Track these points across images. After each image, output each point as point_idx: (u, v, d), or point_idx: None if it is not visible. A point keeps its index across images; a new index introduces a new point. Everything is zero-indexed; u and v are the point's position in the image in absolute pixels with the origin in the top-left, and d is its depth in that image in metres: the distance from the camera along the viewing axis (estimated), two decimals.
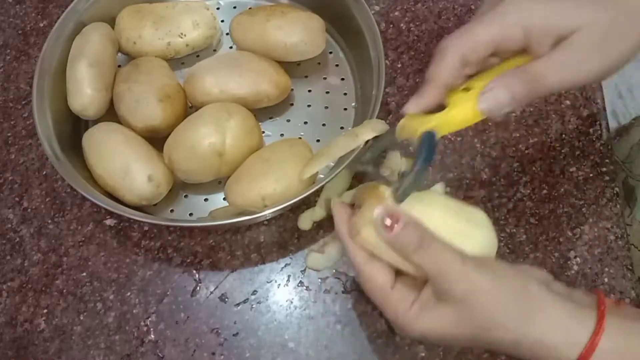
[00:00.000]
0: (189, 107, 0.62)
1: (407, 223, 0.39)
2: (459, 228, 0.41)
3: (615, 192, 0.58)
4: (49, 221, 0.60)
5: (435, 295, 0.39)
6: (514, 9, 0.39)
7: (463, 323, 0.38)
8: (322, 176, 0.57)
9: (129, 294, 0.56)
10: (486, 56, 0.41)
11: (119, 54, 0.64)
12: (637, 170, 0.63)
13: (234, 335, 0.54)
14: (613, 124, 0.71)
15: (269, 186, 0.54)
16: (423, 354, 0.52)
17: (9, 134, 0.66)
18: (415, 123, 0.43)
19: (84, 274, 0.58)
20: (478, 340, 0.39)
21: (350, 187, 0.58)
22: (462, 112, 0.42)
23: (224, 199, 0.58)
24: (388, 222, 0.39)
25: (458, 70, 0.41)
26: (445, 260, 0.38)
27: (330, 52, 0.67)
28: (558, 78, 0.39)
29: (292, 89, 0.64)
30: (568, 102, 0.63)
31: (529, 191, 0.59)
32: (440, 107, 0.43)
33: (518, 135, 0.62)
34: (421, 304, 0.39)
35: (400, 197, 0.41)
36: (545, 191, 0.59)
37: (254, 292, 0.56)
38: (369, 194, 0.42)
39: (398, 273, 0.42)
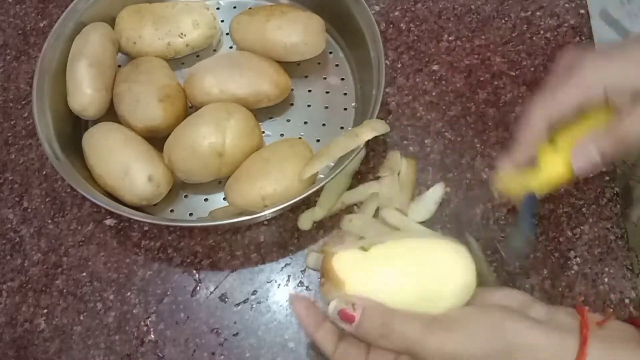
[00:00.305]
0: (189, 107, 0.62)
1: (364, 309, 0.39)
2: (426, 274, 0.41)
3: (615, 192, 0.58)
4: (49, 221, 0.60)
5: None
6: (592, 71, 0.42)
7: None
8: (322, 176, 0.57)
9: (129, 294, 0.56)
10: (569, 115, 0.44)
11: (119, 54, 0.64)
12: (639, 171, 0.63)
13: (234, 335, 0.54)
14: None
15: (269, 186, 0.54)
16: None
17: (9, 134, 0.66)
18: (515, 184, 0.47)
19: (84, 274, 0.58)
20: None
21: (350, 187, 0.59)
22: (556, 173, 0.45)
23: (224, 199, 0.58)
24: (347, 310, 0.39)
25: (544, 132, 0.44)
26: (413, 338, 0.38)
27: (330, 52, 0.67)
28: None
29: (292, 89, 0.64)
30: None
31: None
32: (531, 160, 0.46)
33: None
34: None
35: (511, 259, 0.46)
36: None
37: (254, 292, 0.56)
38: (327, 270, 0.41)
39: None
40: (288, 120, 0.64)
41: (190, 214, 0.59)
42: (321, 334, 0.41)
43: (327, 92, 0.65)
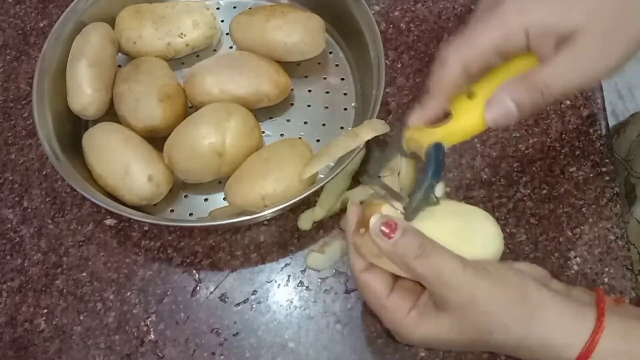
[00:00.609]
0: (189, 107, 0.62)
1: (405, 230, 0.38)
2: (460, 230, 0.41)
3: (615, 192, 0.58)
4: (49, 221, 0.60)
5: (434, 302, 0.38)
6: (513, 11, 0.38)
7: (464, 328, 0.38)
8: (322, 176, 0.57)
9: (129, 294, 0.56)
10: (488, 61, 0.40)
11: (119, 54, 0.64)
12: (638, 167, 0.63)
13: (234, 335, 0.54)
14: (613, 124, 0.72)
15: (269, 186, 0.54)
16: (423, 354, 0.52)
17: (9, 134, 0.66)
18: (421, 135, 0.42)
19: (84, 274, 0.58)
20: (478, 343, 0.39)
21: (350, 187, 0.59)
22: (469, 122, 0.41)
23: (224, 199, 0.58)
24: (385, 230, 0.38)
25: (460, 78, 0.40)
26: (446, 268, 0.37)
27: (330, 52, 0.67)
28: (564, 84, 0.38)
29: (292, 89, 0.64)
30: (568, 102, 0.63)
31: (529, 191, 0.59)
32: (444, 115, 0.42)
33: (518, 135, 0.62)
34: (419, 310, 0.39)
35: (411, 216, 0.41)
36: (545, 191, 0.59)
37: (254, 292, 0.56)
38: (372, 211, 0.41)
39: (397, 276, 0.41)
40: (288, 120, 0.64)
41: (190, 214, 0.59)
42: (354, 252, 0.41)
43: (327, 92, 0.65)
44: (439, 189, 0.58)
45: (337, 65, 0.66)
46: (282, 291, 0.56)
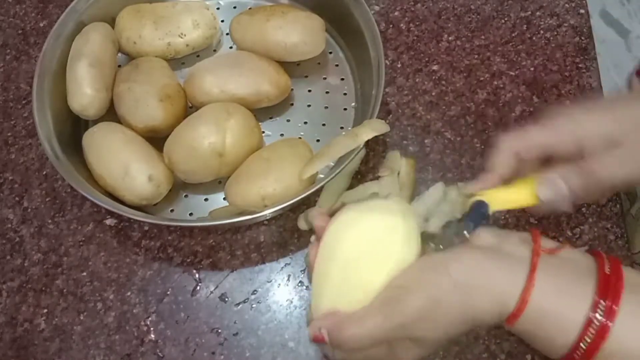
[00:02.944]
0: (189, 107, 0.62)
1: (327, 330, 0.39)
2: (376, 253, 0.40)
3: (615, 191, 0.58)
4: (49, 221, 0.60)
5: None
6: (567, 120, 0.44)
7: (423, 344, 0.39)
8: (322, 176, 0.57)
9: (129, 293, 0.56)
10: (539, 157, 0.45)
11: (119, 54, 0.64)
12: None
13: (234, 335, 0.54)
14: None
15: (269, 186, 0.54)
16: None
17: (9, 134, 0.66)
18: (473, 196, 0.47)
19: (84, 274, 0.58)
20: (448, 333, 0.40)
21: (350, 187, 0.59)
22: (518, 192, 0.46)
23: (224, 199, 0.58)
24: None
25: (512, 164, 0.45)
26: (377, 334, 0.38)
27: (330, 52, 0.67)
28: (609, 174, 0.43)
29: (292, 89, 0.64)
30: (568, 102, 0.63)
31: None
32: None
33: None
34: None
35: (441, 248, 0.44)
36: None
37: (254, 292, 0.56)
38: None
39: None
40: (288, 120, 0.64)
41: (190, 214, 0.59)
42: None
43: (327, 92, 0.65)
44: (438, 189, 0.58)
45: (337, 65, 0.66)
46: (282, 291, 0.56)
